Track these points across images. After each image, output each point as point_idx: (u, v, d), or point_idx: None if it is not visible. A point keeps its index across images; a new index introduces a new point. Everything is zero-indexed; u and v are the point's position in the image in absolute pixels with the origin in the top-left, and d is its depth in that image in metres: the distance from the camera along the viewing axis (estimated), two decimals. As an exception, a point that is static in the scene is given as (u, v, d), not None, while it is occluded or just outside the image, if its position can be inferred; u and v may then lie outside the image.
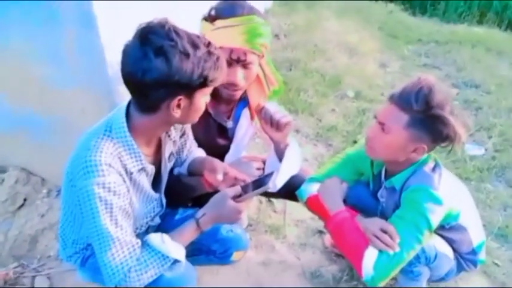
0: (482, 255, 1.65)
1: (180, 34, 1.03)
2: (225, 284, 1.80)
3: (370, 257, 1.38)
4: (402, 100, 1.35)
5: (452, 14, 6.04)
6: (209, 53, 1.07)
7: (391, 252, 1.37)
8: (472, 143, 2.86)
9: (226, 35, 1.34)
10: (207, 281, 1.79)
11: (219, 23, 1.35)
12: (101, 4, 1.49)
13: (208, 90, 1.14)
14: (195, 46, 1.04)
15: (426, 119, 1.33)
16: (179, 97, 1.07)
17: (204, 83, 1.07)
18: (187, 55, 1.02)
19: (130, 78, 1.05)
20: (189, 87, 1.06)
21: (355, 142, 2.72)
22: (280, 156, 1.57)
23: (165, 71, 1.01)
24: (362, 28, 4.46)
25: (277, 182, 1.55)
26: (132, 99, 1.15)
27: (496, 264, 2.01)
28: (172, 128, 1.32)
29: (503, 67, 4.02)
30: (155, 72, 1.01)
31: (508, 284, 1.92)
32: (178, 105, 1.09)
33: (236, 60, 1.38)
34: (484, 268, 1.94)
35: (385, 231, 1.40)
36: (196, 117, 1.20)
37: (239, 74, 1.41)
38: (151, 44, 1.01)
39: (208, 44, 1.08)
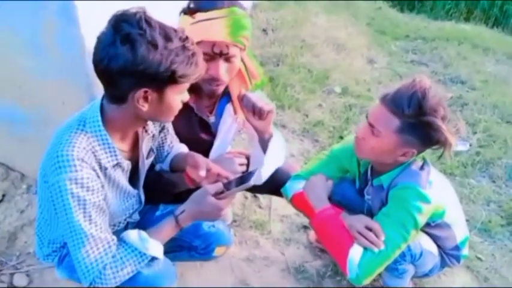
0: (465, 251, 1.66)
1: (151, 24, 0.99)
2: (208, 280, 1.79)
3: (355, 255, 1.37)
4: (394, 104, 1.31)
5: (440, 11, 6.09)
6: (183, 47, 1.02)
7: (376, 250, 1.36)
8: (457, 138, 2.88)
9: (207, 28, 1.30)
10: (190, 278, 1.77)
11: (199, 15, 1.31)
12: (81, -6, 1.45)
13: (181, 88, 1.09)
14: (167, 38, 1.00)
15: (417, 124, 1.30)
16: (145, 89, 1.02)
17: (172, 77, 1.02)
18: (155, 46, 0.97)
19: (98, 65, 1.01)
20: (156, 80, 1.01)
21: (341, 138, 2.72)
22: (264, 148, 1.55)
23: (129, 60, 0.97)
24: (350, 24, 4.46)
25: (262, 174, 1.53)
26: (104, 89, 1.11)
27: (479, 258, 2.03)
28: (150, 122, 1.28)
29: (489, 64, 4.06)
30: (120, 59, 0.97)
31: (491, 278, 1.94)
32: (146, 98, 1.05)
33: (219, 53, 1.34)
34: (467, 263, 1.96)
35: (370, 229, 1.39)
36: (169, 115, 1.15)
37: (221, 68, 1.37)
38: (121, 31, 0.97)
39: (185, 39, 1.03)
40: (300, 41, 3.80)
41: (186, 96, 1.14)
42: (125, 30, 0.97)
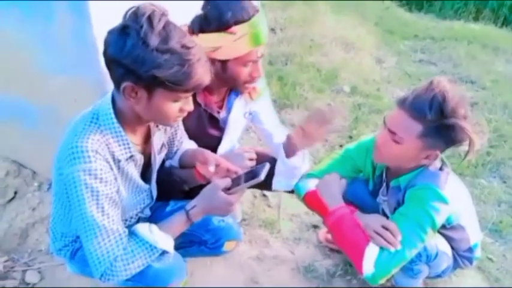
0: (477, 252, 1.65)
1: (153, 23, 0.98)
2: (218, 278, 1.79)
3: (371, 254, 1.36)
4: (415, 109, 1.29)
5: (449, 11, 6.05)
6: (179, 55, 1.00)
7: (392, 249, 1.35)
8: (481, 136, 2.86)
9: (254, 38, 1.34)
10: (200, 276, 1.77)
11: (241, 30, 1.31)
12: (94, -7, 1.46)
13: (175, 96, 1.07)
14: (164, 41, 0.99)
15: (441, 127, 1.29)
16: (130, 83, 1.02)
17: (157, 81, 1.00)
18: (145, 44, 0.97)
19: (104, 49, 1.04)
20: (140, 78, 1.00)
21: (350, 137, 2.72)
22: (287, 153, 1.57)
23: (119, 50, 0.99)
24: (359, 24, 4.44)
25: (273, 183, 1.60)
26: None
27: (490, 259, 2.01)
28: None
29: (499, 63, 4.02)
30: (113, 47, 1.00)
31: (502, 278, 1.93)
32: (135, 93, 1.04)
33: (260, 56, 1.41)
34: (478, 263, 1.94)
35: (386, 228, 1.37)
36: (163, 119, 1.14)
37: (261, 66, 1.45)
38: (124, 22, 1.00)
39: (188, 47, 1.01)
40: (308, 40, 3.79)
41: (188, 106, 1.13)
42: (126, 22, 0.99)
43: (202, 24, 1.33)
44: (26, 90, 1.81)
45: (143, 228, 1.14)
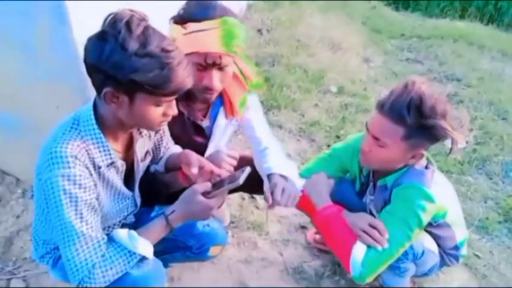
0: (464, 251, 1.66)
1: (131, 28, 0.97)
2: (206, 282, 1.78)
3: (358, 253, 1.37)
4: (394, 113, 1.31)
5: (435, 9, 6.11)
6: (157, 59, 0.99)
7: (379, 248, 1.36)
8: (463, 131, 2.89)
9: (200, 40, 1.28)
10: (187, 280, 1.76)
11: (191, 26, 1.28)
12: (74, -2, 1.45)
13: (156, 100, 1.05)
14: (142, 45, 0.98)
15: (422, 127, 1.30)
16: (111, 88, 1.01)
17: (136, 85, 1.00)
18: (123, 49, 0.96)
19: (84, 57, 1.04)
20: (120, 83, 1.00)
21: (338, 137, 2.73)
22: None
23: (97, 56, 0.98)
24: (345, 23, 4.47)
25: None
26: None
27: (477, 256, 2.03)
28: None
29: (485, 61, 4.07)
30: (91, 54, 1.00)
31: (489, 275, 1.94)
32: (116, 98, 1.04)
33: (212, 64, 1.32)
34: (465, 260, 1.96)
35: (373, 227, 1.38)
36: (143, 123, 1.13)
37: (215, 77, 1.35)
38: (103, 28, 0.99)
39: (167, 51, 1.00)
40: (295, 41, 3.80)
41: (171, 110, 1.11)
42: (105, 28, 0.99)
43: (175, 16, 1.34)
44: (7, 98, 1.79)
45: (122, 234, 1.13)
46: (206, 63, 1.31)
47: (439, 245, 1.58)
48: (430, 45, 4.27)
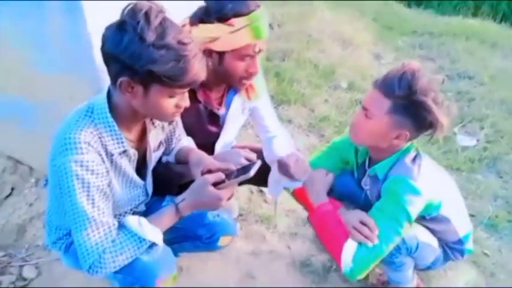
0: (469, 245, 1.64)
1: (149, 19, 0.99)
2: (214, 273, 1.80)
3: (349, 250, 1.39)
4: (385, 85, 1.33)
5: (447, 6, 6.03)
6: (175, 50, 1.01)
7: (369, 244, 1.37)
8: (464, 133, 2.87)
9: (249, 34, 1.33)
10: (196, 271, 1.79)
11: (239, 21, 1.31)
12: (87, -10, 1.46)
13: (171, 91, 1.07)
14: (160, 37, 1.00)
15: (409, 104, 1.31)
16: (127, 78, 1.03)
17: (153, 76, 1.02)
18: (142, 39, 0.98)
19: (101, 45, 1.05)
20: (136, 73, 1.02)
21: (347, 133, 2.72)
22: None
23: (115, 46, 1.00)
24: (356, 19, 4.44)
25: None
26: None
27: (486, 254, 2.02)
28: None
29: (497, 59, 4.02)
30: (110, 43, 1.01)
31: (497, 273, 1.94)
32: (131, 88, 1.06)
33: (258, 51, 1.39)
34: (474, 258, 1.95)
35: (364, 224, 1.39)
36: (156, 114, 1.15)
37: (258, 62, 1.43)
38: (121, 18, 1.01)
39: (184, 43, 1.02)
40: (306, 36, 3.79)
41: (183, 102, 1.14)
42: (124, 18, 1.00)
43: (203, 15, 1.34)
44: (21, 88, 1.82)
45: (132, 221, 1.15)
46: (254, 52, 1.38)
47: (440, 239, 1.58)
48: (442, 43, 4.23)
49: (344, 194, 1.60)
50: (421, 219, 1.49)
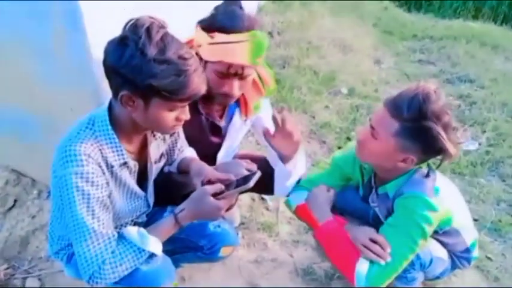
0: (475, 253, 1.64)
1: (151, 34, 1.01)
2: (217, 282, 1.80)
3: (362, 268, 1.35)
4: (394, 106, 1.28)
5: (448, 10, 6.03)
6: (175, 65, 1.03)
7: (382, 262, 1.33)
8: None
9: (227, 51, 1.30)
10: (198, 280, 1.79)
11: (218, 37, 1.31)
12: (88, 3, 1.48)
13: (171, 105, 1.10)
14: (161, 52, 1.01)
15: (417, 129, 1.25)
16: (128, 92, 1.05)
17: (154, 90, 1.03)
18: (143, 54, 1.00)
19: (103, 59, 1.07)
20: (137, 88, 1.04)
21: (348, 139, 2.73)
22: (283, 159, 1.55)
23: (116, 60, 1.02)
24: (357, 25, 4.45)
25: (288, 186, 1.60)
26: None
27: (489, 258, 2.01)
28: None
29: (498, 62, 4.01)
30: (111, 57, 1.04)
31: (501, 277, 1.92)
32: (132, 102, 1.08)
33: (234, 74, 1.36)
34: (477, 263, 1.94)
35: (375, 241, 1.36)
36: (157, 127, 1.17)
37: (235, 86, 1.39)
38: (123, 33, 1.03)
39: (185, 58, 1.04)
40: (306, 42, 3.80)
41: (184, 115, 1.15)
42: (126, 32, 1.02)
43: (204, 20, 1.37)
44: (22, 100, 1.84)
45: (132, 231, 1.16)
46: (228, 73, 1.34)
47: (449, 251, 1.56)
48: (442, 46, 4.23)
49: (348, 210, 1.56)
50: (434, 233, 1.45)
